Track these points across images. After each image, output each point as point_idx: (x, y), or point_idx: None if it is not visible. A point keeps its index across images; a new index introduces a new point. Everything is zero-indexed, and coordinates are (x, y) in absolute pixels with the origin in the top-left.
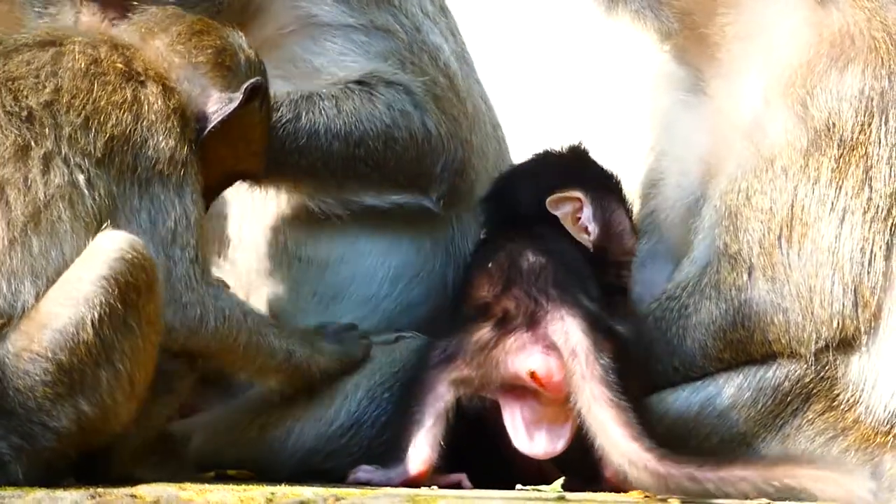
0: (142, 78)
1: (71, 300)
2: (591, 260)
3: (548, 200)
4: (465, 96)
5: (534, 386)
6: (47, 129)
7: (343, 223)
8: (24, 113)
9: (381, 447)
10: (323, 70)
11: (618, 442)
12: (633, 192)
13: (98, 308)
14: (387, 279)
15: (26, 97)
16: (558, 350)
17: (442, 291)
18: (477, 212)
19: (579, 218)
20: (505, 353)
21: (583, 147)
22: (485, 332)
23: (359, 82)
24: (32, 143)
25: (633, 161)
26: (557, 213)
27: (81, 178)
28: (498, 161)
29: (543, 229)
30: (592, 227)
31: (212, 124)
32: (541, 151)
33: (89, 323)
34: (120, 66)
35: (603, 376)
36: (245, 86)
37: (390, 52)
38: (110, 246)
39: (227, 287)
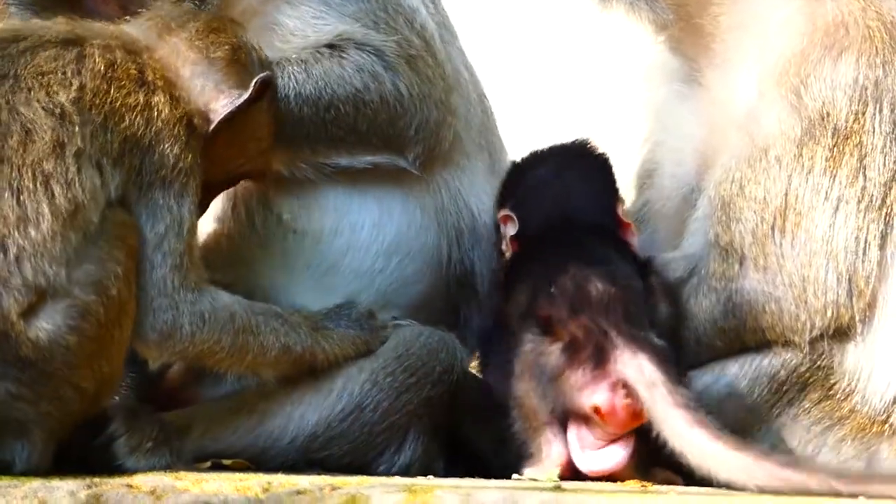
0: (152, 86)
1: (101, 261)
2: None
3: (623, 209)
4: (444, 59)
5: (596, 419)
6: (77, 127)
7: (336, 193)
8: (58, 110)
9: (383, 434)
10: (297, 32)
11: (725, 458)
12: (627, 183)
13: (121, 265)
14: (381, 253)
15: (56, 93)
16: (629, 386)
17: (437, 270)
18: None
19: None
20: (571, 385)
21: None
22: (552, 356)
23: (329, 45)
24: (66, 140)
25: (628, 152)
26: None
27: (100, 179)
28: (484, 132)
29: (598, 240)
30: None
31: (221, 116)
32: (565, 154)
33: (113, 278)
34: (134, 72)
35: (687, 404)
36: (256, 79)
37: (364, 13)
38: (121, 217)
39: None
